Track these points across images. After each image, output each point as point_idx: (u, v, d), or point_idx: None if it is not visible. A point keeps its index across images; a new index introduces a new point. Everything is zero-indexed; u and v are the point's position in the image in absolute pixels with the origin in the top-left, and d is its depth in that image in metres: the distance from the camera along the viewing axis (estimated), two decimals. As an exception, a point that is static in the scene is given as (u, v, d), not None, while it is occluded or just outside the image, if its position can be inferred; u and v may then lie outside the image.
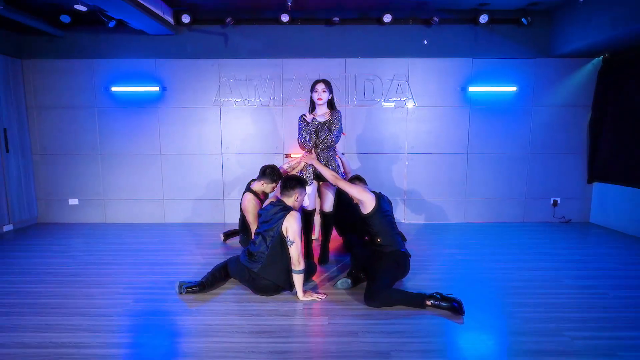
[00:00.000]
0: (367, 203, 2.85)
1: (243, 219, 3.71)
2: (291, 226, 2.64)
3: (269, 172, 3.54)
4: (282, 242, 2.68)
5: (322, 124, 3.30)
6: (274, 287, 2.77)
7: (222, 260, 3.12)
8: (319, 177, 3.41)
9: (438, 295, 2.55)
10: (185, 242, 4.16)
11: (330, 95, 3.33)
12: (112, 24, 4.47)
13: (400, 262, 2.83)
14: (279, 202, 2.83)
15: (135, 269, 3.37)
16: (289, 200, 2.84)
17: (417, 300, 2.56)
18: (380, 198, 2.94)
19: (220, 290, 2.90)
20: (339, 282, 2.92)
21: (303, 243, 3.22)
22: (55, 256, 3.70)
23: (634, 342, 2.16)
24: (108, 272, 3.30)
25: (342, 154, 3.60)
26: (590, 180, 4.84)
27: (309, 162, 3.27)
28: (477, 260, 3.57)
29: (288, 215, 2.68)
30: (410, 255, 2.91)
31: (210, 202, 4.94)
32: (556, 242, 4.14)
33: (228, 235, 4.26)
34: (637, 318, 2.44)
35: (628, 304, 2.65)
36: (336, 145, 3.39)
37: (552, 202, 4.92)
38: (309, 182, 3.34)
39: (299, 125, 3.33)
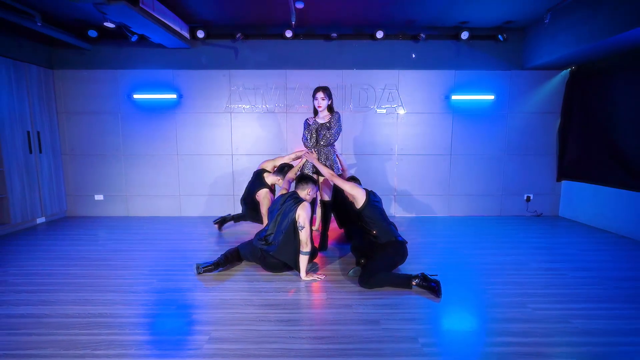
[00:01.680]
0: (359, 197, 3.01)
1: (253, 207, 3.91)
2: (302, 214, 2.87)
3: (287, 171, 3.72)
4: (294, 228, 2.90)
5: (322, 124, 3.50)
6: (282, 265, 2.99)
7: (233, 246, 3.32)
8: (318, 172, 3.62)
9: (421, 275, 2.72)
10: (200, 232, 4.35)
11: (330, 101, 3.51)
12: (134, 38, 4.65)
13: (399, 250, 2.91)
14: (291, 195, 3.06)
15: (157, 254, 3.55)
16: (302, 193, 3.10)
17: (403, 281, 2.73)
18: (370, 192, 3.10)
19: (232, 271, 3.09)
20: (351, 271, 2.99)
21: (320, 229, 3.64)
22: (85, 244, 3.88)
23: (584, 312, 2.37)
24: (133, 257, 3.48)
25: (340, 154, 3.80)
26: (559, 178, 5.05)
27: (310, 160, 3.46)
28: (459, 248, 3.77)
29: (300, 206, 2.91)
30: (406, 242, 3.00)
31: (222, 197, 5.13)
32: (528, 232, 4.35)
33: (220, 222, 4.41)
34: (589, 293, 2.66)
35: (583, 282, 2.86)
36: (335, 142, 3.58)
37: (525, 197, 5.12)
38: None
39: (304, 126, 3.55)
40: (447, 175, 5.10)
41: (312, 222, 3.74)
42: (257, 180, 3.83)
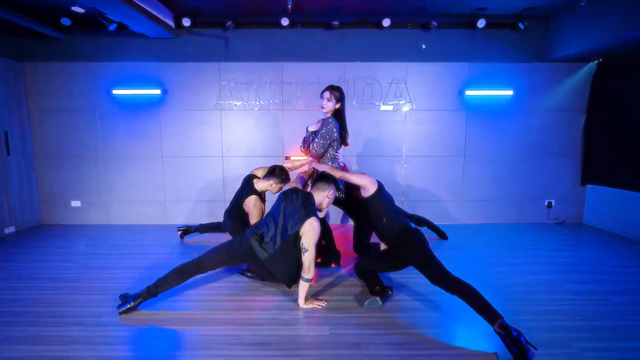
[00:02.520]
0: (369, 185, 2.67)
1: (240, 220, 3.48)
2: (308, 235, 2.44)
3: (279, 173, 3.31)
4: (295, 240, 2.48)
5: (313, 133, 3.15)
6: (274, 276, 2.61)
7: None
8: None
9: (505, 325, 2.00)
10: (186, 245, 3.97)
11: (338, 104, 3.12)
12: (112, 27, 4.24)
13: (422, 237, 2.55)
14: (302, 197, 2.60)
15: (137, 273, 3.17)
16: (320, 196, 2.68)
17: (489, 314, 2.08)
18: (381, 183, 2.77)
19: (220, 297, 2.71)
20: (366, 303, 2.52)
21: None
22: (56, 260, 3.50)
23: (643, 355, 2.00)
24: (108, 276, 3.10)
25: (345, 162, 3.41)
26: (584, 182, 4.68)
27: (318, 168, 3.06)
28: (476, 263, 3.40)
29: (308, 222, 2.44)
30: (419, 229, 2.65)
31: (211, 203, 4.75)
32: (551, 244, 3.98)
33: (185, 231, 4.06)
34: (643, 327, 2.29)
35: (630, 310, 2.49)
36: (325, 155, 3.16)
37: (546, 203, 4.76)
38: None
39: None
40: (460, 178, 4.72)
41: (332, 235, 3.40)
42: (246, 186, 3.41)
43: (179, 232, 4.11)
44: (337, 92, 3.12)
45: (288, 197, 2.64)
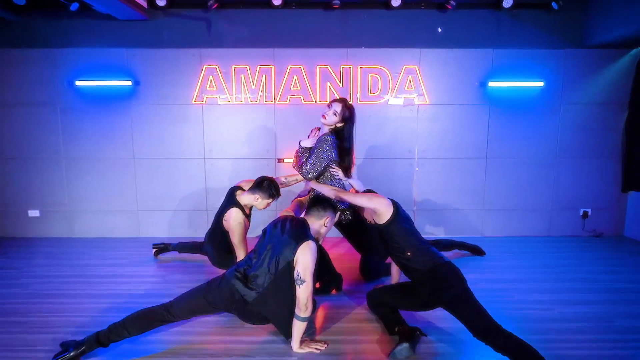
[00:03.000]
0: (382, 209, 2.10)
1: (221, 244, 2.89)
2: (304, 261, 1.89)
3: (267, 186, 2.70)
4: (290, 272, 1.93)
5: (306, 150, 2.67)
6: (263, 317, 2.03)
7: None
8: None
9: None
10: (162, 264, 3.35)
11: (341, 124, 2.63)
12: (74, 6, 3.64)
13: (458, 276, 1.98)
14: (293, 223, 2.08)
15: (97, 304, 2.56)
16: (316, 224, 2.17)
17: None
18: (397, 204, 2.17)
19: (192, 337, 2.10)
20: (395, 351, 1.91)
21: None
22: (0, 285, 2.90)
23: None
24: (58, 308, 2.53)
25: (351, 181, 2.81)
26: (626, 188, 4.06)
27: (317, 189, 2.58)
28: (503, 287, 2.81)
29: (302, 246, 1.91)
30: (451, 262, 2.06)
31: (192, 213, 4.13)
32: (591, 263, 3.38)
33: (161, 249, 3.50)
34: None
35: None
36: (310, 178, 2.62)
37: (581, 213, 4.14)
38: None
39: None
40: (482, 184, 4.11)
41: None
42: (228, 200, 2.82)
43: (154, 250, 3.51)
44: (347, 110, 2.62)
45: (277, 225, 2.09)
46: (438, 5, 3.82)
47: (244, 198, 2.75)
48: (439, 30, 3.90)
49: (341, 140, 2.65)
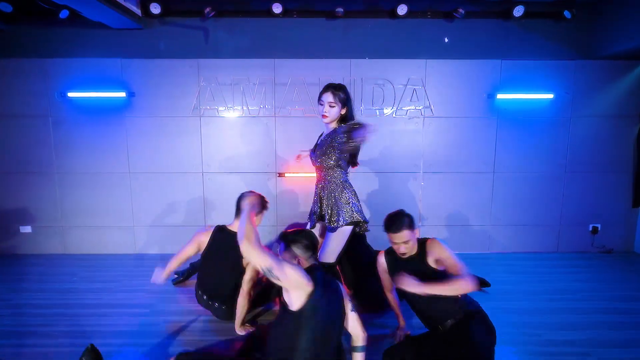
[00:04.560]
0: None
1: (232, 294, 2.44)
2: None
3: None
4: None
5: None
6: None
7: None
8: (321, 216, 2.43)
9: None
10: (153, 291, 3.10)
11: (344, 110, 2.36)
12: (63, 14, 3.37)
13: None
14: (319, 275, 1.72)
15: (82, 337, 2.31)
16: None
17: None
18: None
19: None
20: None
21: None
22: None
23: None
24: (42, 345, 2.25)
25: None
26: (636, 204, 3.84)
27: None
28: (521, 322, 2.56)
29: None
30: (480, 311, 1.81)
31: (189, 229, 3.86)
32: (604, 280, 3.17)
33: (182, 279, 3.19)
34: None
35: None
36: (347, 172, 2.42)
37: (590, 228, 3.91)
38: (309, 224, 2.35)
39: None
40: (489, 199, 3.87)
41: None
42: (227, 237, 2.52)
43: (176, 282, 3.17)
44: (341, 92, 2.33)
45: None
46: (445, 14, 3.57)
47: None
48: (446, 40, 3.65)
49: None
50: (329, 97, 2.30)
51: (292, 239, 1.76)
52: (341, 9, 3.44)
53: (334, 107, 2.31)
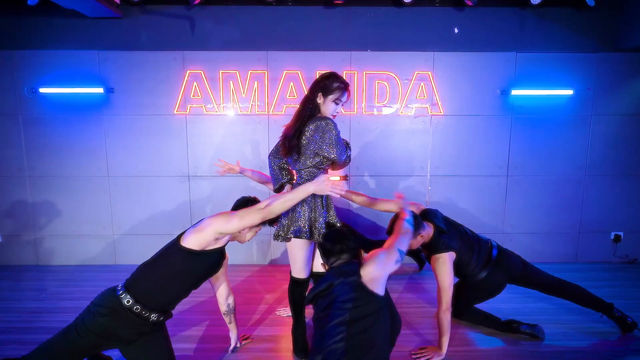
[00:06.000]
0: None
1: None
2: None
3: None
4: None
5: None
6: None
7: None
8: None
9: None
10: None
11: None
12: (32, 1, 2.96)
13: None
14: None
15: None
16: None
17: None
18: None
19: None
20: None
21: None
22: None
23: None
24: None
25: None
26: (662, 209, 3.45)
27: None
28: (550, 352, 2.15)
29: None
30: None
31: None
32: (633, 297, 2.75)
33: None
34: None
35: None
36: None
37: (612, 237, 3.52)
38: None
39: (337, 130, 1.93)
40: (502, 204, 3.47)
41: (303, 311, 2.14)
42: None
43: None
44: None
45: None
46: (455, 2, 3.17)
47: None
48: (456, 31, 3.25)
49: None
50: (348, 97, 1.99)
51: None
52: (341, -5, 3.04)
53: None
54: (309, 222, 1.92)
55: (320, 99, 1.91)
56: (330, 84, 1.90)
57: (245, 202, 1.99)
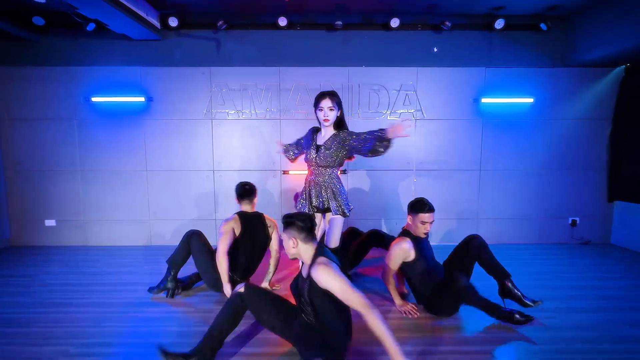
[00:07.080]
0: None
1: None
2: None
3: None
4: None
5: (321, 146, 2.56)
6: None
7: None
8: (324, 209, 2.55)
9: None
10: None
11: (339, 113, 2.51)
12: (90, 27, 3.59)
13: None
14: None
15: (104, 313, 2.46)
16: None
17: None
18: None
19: None
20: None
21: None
22: (9, 294, 2.78)
23: None
24: (63, 317, 2.39)
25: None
26: (612, 198, 4.00)
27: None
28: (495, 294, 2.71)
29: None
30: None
31: (201, 222, 4.03)
32: (587, 270, 3.28)
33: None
34: None
35: None
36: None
37: (570, 221, 4.07)
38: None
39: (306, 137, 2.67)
40: (476, 194, 4.04)
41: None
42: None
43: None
44: (336, 97, 2.49)
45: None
46: (433, 26, 3.78)
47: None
48: (435, 50, 3.86)
49: (346, 127, 2.58)
50: (328, 102, 2.41)
51: (288, 221, 1.86)
52: (340, 22, 3.65)
53: (333, 110, 2.42)
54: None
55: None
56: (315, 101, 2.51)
57: (242, 187, 2.71)
